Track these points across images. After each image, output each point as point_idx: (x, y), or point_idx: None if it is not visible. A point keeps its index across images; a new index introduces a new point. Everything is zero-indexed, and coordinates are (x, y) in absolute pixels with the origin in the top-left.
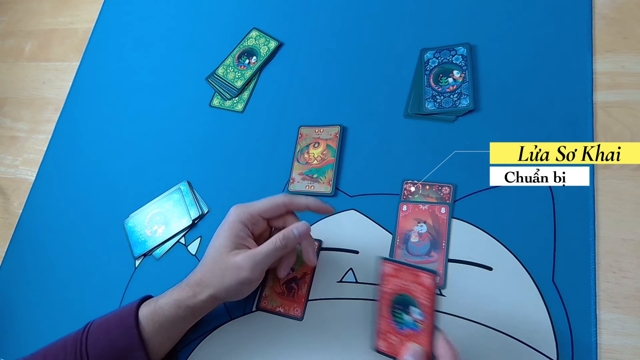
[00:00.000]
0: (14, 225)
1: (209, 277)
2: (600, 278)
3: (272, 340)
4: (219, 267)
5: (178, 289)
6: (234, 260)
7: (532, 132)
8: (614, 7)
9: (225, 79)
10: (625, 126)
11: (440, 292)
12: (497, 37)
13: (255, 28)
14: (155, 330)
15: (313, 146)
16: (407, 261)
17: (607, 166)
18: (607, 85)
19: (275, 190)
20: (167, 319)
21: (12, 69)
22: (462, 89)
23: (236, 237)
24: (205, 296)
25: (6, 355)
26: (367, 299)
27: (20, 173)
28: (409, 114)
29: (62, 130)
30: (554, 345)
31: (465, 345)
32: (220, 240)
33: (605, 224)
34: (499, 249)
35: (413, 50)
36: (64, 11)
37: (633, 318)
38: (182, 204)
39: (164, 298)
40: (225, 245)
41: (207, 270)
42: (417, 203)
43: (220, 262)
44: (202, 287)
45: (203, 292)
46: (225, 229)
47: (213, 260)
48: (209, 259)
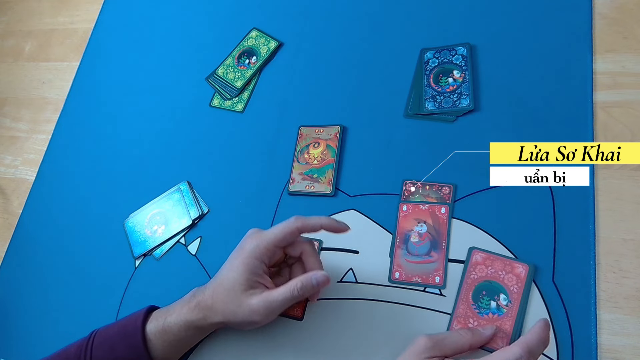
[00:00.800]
0: (14, 225)
1: (221, 306)
2: (600, 278)
3: (272, 340)
4: (233, 303)
5: (188, 309)
6: (249, 303)
7: (532, 132)
8: (614, 7)
9: (225, 79)
10: (625, 126)
11: (440, 292)
12: (497, 37)
13: (255, 28)
14: (165, 349)
15: (313, 146)
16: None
17: (607, 166)
18: (607, 85)
19: (275, 190)
20: (176, 338)
21: (12, 69)
22: (462, 89)
23: (252, 274)
24: (216, 321)
25: (6, 355)
26: (367, 299)
27: (20, 173)
28: (409, 114)
29: (62, 130)
30: (554, 345)
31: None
32: (235, 275)
33: (605, 224)
34: (499, 249)
35: (413, 50)
36: (63, 11)
37: (633, 318)
38: (182, 204)
39: (172, 316)
40: (241, 283)
41: (219, 300)
42: (417, 203)
43: (234, 299)
44: (214, 313)
45: (214, 317)
46: (241, 264)
47: (226, 293)
48: (222, 289)
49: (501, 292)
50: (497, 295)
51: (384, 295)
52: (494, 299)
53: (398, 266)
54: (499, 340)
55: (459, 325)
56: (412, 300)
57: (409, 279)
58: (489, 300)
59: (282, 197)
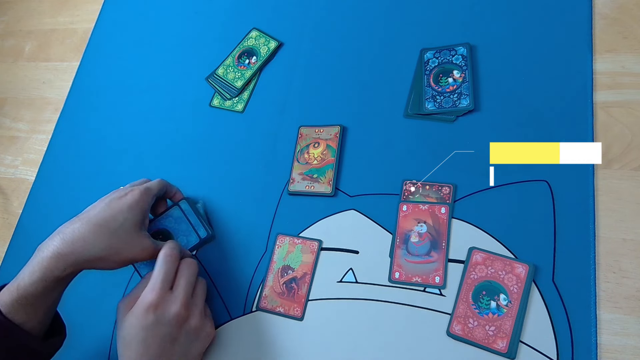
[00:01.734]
0: (14, 225)
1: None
2: (600, 278)
3: (272, 340)
4: (122, 241)
5: (39, 265)
6: (141, 242)
7: (532, 132)
8: (614, 7)
9: (225, 79)
10: (625, 126)
11: (440, 292)
12: (497, 37)
13: (255, 28)
14: (31, 314)
15: (313, 146)
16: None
17: (607, 166)
18: (607, 85)
19: (275, 190)
20: (36, 298)
21: (12, 69)
22: (462, 89)
23: (145, 216)
24: (82, 260)
25: None
26: (367, 299)
27: (20, 173)
28: (409, 114)
29: (62, 130)
30: (554, 345)
31: (464, 345)
32: (128, 215)
33: (605, 224)
34: (499, 249)
35: (413, 50)
36: (63, 11)
37: (633, 318)
38: (185, 222)
39: (24, 280)
40: (136, 223)
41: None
42: (417, 203)
43: (125, 237)
44: (82, 254)
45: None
46: (136, 205)
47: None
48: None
49: (501, 292)
50: (497, 295)
51: (384, 295)
52: (493, 299)
53: (398, 266)
54: (499, 340)
55: (459, 325)
56: (412, 300)
57: (409, 279)
58: (489, 300)
59: (282, 197)
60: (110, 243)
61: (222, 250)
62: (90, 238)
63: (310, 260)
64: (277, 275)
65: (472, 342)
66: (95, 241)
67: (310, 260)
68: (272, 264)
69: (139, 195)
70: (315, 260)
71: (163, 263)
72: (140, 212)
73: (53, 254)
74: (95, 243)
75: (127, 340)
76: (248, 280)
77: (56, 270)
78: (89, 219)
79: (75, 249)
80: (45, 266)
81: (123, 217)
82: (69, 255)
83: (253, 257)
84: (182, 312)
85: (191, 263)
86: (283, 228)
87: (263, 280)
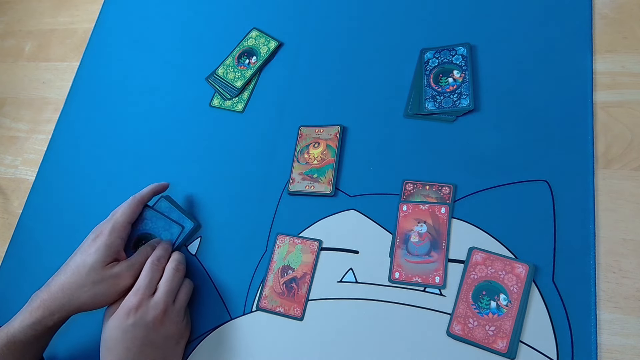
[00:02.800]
0: (14, 225)
1: (79, 291)
2: (600, 278)
3: (272, 340)
4: (91, 281)
5: (29, 314)
6: (111, 272)
7: (532, 132)
8: (614, 7)
9: (225, 79)
10: (625, 126)
11: (440, 292)
12: (497, 37)
13: (255, 28)
14: (15, 357)
15: (313, 146)
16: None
17: (607, 166)
18: (607, 85)
19: (275, 190)
20: (25, 345)
21: (12, 69)
22: (462, 89)
23: (112, 252)
24: (71, 310)
25: None
26: (367, 299)
27: (20, 173)
28: (409, 114)
29: (62, 130)
30: (554, 345)
31: (465, 344)
32: (96, 257)
33: (605, 224)
34: (499, 249)
35: (413, 50)
36: (63, 11)
37: (633, 318)
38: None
39: (15, 327)
40: (101, 261)
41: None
42: (417, 203)
43: (95, 276)
44: (68, 303)
45: (67, 308)
46: (102, 245)
47: (85, 276)
48: (77, 277)
49: (501, 292)
50: (497, 295)
51: (384, 295)
52: (493, 299)
53: (398, 266)
54: (499, 340)
55: (459, 325)
56: (412, 300)
57: (409, 279)
58: (489, 300)
59: (282, 197)
60: (93, 289)
61: (222, 250)
62: (71, 288)
63: (310, 260)
64: (277, 275)
65: (472, 342)
66: (76, 290)
67: (310, 260)
68: (272, 263)
69: (107, 235)
70: (315, 260)
71: (149, 269)
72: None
73: (41, 305)
74: (77, 292)
75: (108, 343)
76: (248, 280)
77: (43, 319)
78: (67, 268)
79: (61, 300)
80: (34, 316)
81: (92, 260)
82: (56, 305)
83: (253, 257)
84: (160, 316)
85: (177, 269)
86: (283, 228)
87: (263, 280)
